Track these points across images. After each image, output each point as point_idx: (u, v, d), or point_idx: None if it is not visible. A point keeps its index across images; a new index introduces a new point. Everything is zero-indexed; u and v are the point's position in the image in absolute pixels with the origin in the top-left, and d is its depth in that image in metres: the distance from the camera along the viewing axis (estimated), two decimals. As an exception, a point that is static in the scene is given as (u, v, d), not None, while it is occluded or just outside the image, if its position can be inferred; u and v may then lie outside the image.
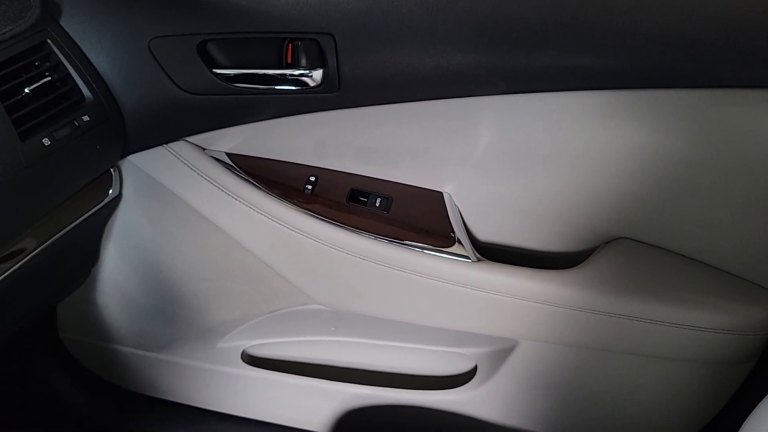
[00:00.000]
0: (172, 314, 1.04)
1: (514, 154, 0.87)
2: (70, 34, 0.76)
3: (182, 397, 1.18)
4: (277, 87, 0.82)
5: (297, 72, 0.80)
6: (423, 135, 0.87)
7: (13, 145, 0.67)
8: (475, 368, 1.03)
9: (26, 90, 0.71)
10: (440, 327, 0.95)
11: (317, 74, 0.80)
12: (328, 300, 0.96)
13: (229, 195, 0.88)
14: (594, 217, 0.90)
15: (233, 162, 0.90)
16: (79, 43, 0.77)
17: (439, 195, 0.92)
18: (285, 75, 0.81)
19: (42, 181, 0.72)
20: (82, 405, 1.20)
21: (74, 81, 0.76)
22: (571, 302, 0.87)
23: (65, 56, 0.75)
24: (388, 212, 0.91)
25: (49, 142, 0.71)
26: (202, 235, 0.93)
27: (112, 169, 0.87)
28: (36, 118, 0.70)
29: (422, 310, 0.93)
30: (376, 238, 0.88)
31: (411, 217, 0.91)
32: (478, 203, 0.92)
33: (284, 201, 0.88)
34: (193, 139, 0.89)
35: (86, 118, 0.75)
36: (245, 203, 0.88)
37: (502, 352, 0.97)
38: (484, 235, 0.95)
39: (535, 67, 0.78)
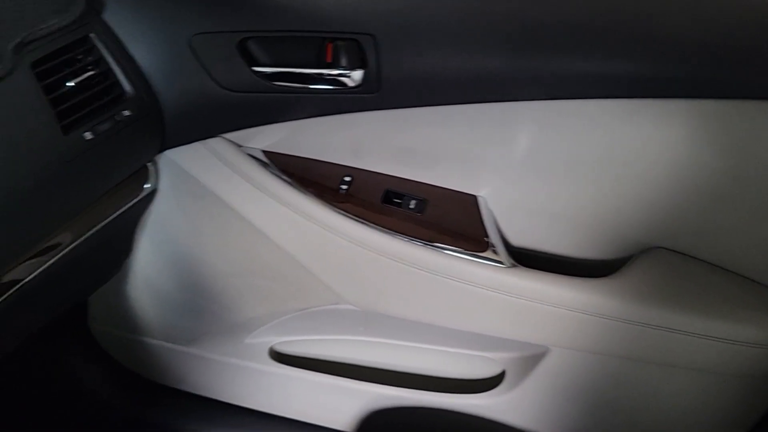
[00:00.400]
0: (201, 308, 1.05)
1: (551, 160, 0.86)
2: (113, 28, 0.77)
3: (208, 391, 1.19)
4: (316, 86, 0.81)
5: (336, 72, 0.80)
6: (460, 138, 0.87)
7: (57, 139, 0.67)
8: (503, 373, 1.02)
9: (69, 83, 0.71)
10: (470, 331, 0.94)
11: (357, 75, 0.80)
12: (358, 300, 0.96)
13: (263, 192, 0.88)
14: (630, 226, 0.89)
15: (269, 160, 0.90)
16: (121, 38, 0.77)
17: (473, 199, 0.92)
18: (324, 75, 0.81)
19: (82, 175, 0.72)
20: (108, 395, 1.21)
21: (116, 76, 0.76)
22: (604, 311, 0.86)
23: (108, 50, 0.75)
24: (422, 214, 0.91)
25: (91, 136, 0.71)
26: (235, 231, 0.93)
27: (149, 163, 0.88)
28: (78, 111, 0.71)
29: (453, 314, 0.93)
30: (409, 240, 0.88)
31: (445, 220, 0.90)
32: (512, 208, 0.92)
33: (319, 200, 0.88)
34: (230, 135, 0.89)
35: (127, 113, 0.76)
36: (280, 201, 0.88)
37: (532, 358, 0.96)
38: (517, 240, 0.94)
39: (574, 72, 0.77)
